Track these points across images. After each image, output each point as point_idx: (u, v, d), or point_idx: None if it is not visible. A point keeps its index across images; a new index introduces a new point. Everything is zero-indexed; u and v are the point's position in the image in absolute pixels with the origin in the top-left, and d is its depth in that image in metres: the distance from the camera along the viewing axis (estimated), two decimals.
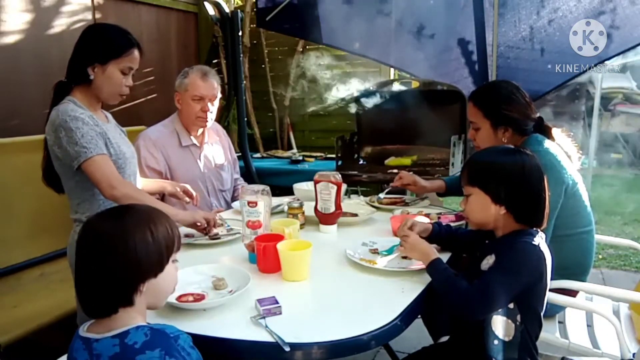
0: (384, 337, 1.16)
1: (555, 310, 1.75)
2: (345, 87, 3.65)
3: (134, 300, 0.98)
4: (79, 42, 1.66)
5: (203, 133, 2.38)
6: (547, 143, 1.75)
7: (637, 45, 2.41)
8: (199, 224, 1.74)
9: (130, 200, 1.61)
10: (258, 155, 3.60)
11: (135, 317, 0.99)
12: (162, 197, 2.26)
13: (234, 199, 2.44)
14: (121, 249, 0.96)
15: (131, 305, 0.98)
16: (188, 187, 2.05)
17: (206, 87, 2.26)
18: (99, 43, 1.64)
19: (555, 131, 1.82)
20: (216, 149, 2.46)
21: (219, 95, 2.33)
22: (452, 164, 2.62)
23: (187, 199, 2.03)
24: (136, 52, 1.69)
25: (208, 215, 1.76)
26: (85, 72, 1.63)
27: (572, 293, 1.68)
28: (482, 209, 1.34)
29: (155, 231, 1.00)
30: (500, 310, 1.28)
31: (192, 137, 2.33)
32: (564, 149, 1.79)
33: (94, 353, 0.95)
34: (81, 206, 1.68)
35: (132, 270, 0.97)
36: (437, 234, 1.57)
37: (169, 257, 1.03)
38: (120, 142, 1.76)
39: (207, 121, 2.29)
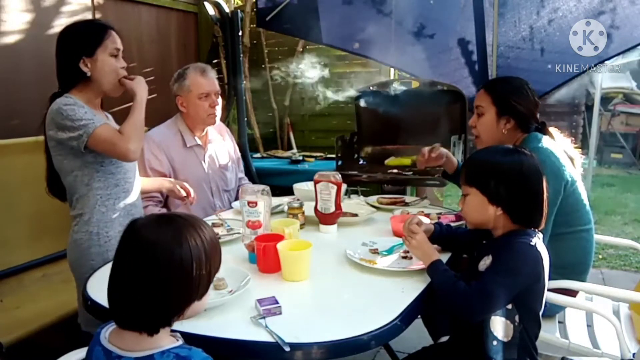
0: (384, 337, 1.17)
1: (555, 310, 1.75)
2: (345, 87, 3.65)
3: (172, 323, 0.93)
4: (59, 47, 1.66)
5: (207, 133, 2.38)
6: (546, 141, 1.76)
7: (637, 45, 2.41)
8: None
9: (137, 137, 1.61)
10: (258, 155, 3.60)
11: (163, 337, 0.93)
12: (166, 199, 2.26)
13: (237, 198, 2.44)
14: (177, 263, 0.89)
15: (169, 326, 0.93)
16: (185, 184, 2.06)
17: (209, 83, 2.27)
18: (77, 38, 1.64)
19: (555, 133, 1.84)
20: (220, 148, 2.45)
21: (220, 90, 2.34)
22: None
23: (184, 193, 2.04)
24: (114, 33, 1.69)
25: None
26: (80, 71, 1.63)
27: (572, 293, 1.68)
28: (479, 209, 1.34)
29: (206, 245, 0.93)
30: (498, 311, 1.28)
31: (196, 138, 2.33)
32: (567, 152, 1.80)
33: None
34: (79, 201, 1.69)
35: (184, 289, 0.91)
36: (439, 235, 1.57)
37: (214, 276, 0.98)
38: None
39: (216, 117, 2.30)
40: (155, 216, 0.99)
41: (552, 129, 1.84)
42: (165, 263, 0.89)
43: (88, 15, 2.86)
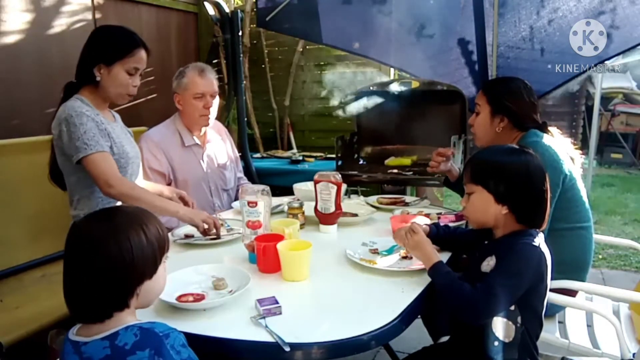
0: (384, 337, 1.17)
1: (555, 310, 1.75)
2: (345, 87, 3.65)
3: (130, 304, 0.98)
4: (87, 43, 1.68)
5: (205, 132, 2.38)
6: (546, 137, 1.79)
7: (637, 45, 2.41)
8: (199, 226, 1.70)
9: (127, 199, 1.62)
10: (258, 155, 3.60)
11: (125, 317, 0.98)
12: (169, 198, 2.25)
13: (237, 198, 2.44)
14: (115, 250, 0.94)
15: (127, 308, 0.98)
16: (184, 194, 2.03)
17: (205, 83, 2.26)
18: (105, 44, 1.67)
19: (555, 132, 1.85)
20: (219, 148, 2.46)
21: (218, 91, 2.34)
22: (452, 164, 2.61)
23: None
24: (142, 52, 1.70)
25: (209, 219, 1.71)
26: (92, 73, 1.66)
27: (572, 293, 1.68)
28: (484, 208, 1.34)
29: (147, 232, 0.99)
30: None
31: (194, 137, 2.33)
32: (568, 152, 1.81)
33: (84, 357, 0.94)
34: (80, 202, 1.70)
35: (129, 272, 0.96)
36: (435, 236, 1.56)
37: (161, 257, 1.03)
38: (124, 141, 1.77)
39: (209, 118, 2.29)
40: (94, 212, 1.05)
41: (552, 129, 1.85)
42: (97, 247, 0.94)
43: (88, 15, 2.86)
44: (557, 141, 1.81)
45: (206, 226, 1.70)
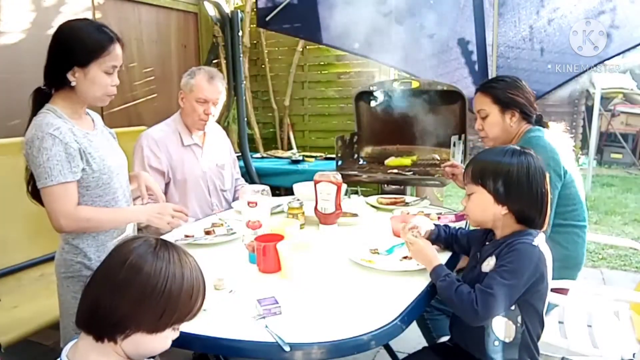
0: (384, 337, 1.17)
1: (550, 307, 1.74)
2: (345, 87, 3.65)
3: (116, 340, 0.92)
4: (53, 46, 1.50)
5: (205, 133, 2.39)
6: (547, 134, 1.81)
7: (637, 45, 2.41)
8: (165, 229, 1.62)
9: (84, 231, 1.55)
10: (258, 155, 3.59)
11: (108, 354, 0.93)
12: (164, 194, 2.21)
13: (234, 199, 2.45)
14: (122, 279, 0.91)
15: (114, 343, 0.92)
16: (150, 182, 1.84)
17: (211, 90, 2.25)
18: (76, 44, 1.47)
19: (552, 125, 1.88)
20: (217, 148, 2.46)
21: (224, 98, 2.33)
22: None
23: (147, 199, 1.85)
24: (118, 48, 1.50)
25: (174, 217, 1.63)
26: (65, 79, 1.47)
27: (563, 292, 1.69)
28: (484, 209, 1.35)
29: (166, 292, 0.93)
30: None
31: (194, 137, 2.33)
32: (565, 143, 1.84)
33: None
34: None
35: (121, 299, 0.91)
36: (438, 237, 1.59)
37: (170, 324, 0.95)
38: (105, 153, 1.59)
39: (206, 124, 2.30)
40: (151, 246, 0.98)
41: (550, 123, 1.89)
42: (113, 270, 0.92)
43: (88, 15, 2.86)
44: (556, 136, 1.83)
45: (172, 228, 1.67)
